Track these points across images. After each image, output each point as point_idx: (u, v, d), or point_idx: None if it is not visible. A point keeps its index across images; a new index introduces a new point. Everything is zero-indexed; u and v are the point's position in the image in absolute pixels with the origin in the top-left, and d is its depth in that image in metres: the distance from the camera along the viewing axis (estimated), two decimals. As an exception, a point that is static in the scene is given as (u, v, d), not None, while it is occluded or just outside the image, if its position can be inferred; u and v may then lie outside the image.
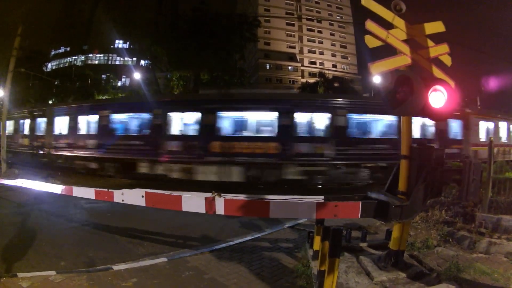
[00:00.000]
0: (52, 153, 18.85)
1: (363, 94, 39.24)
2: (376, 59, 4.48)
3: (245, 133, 15.14)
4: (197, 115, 15.34)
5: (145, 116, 16.26)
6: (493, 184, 6.91)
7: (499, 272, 4.86)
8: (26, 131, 21.61)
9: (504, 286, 4.48)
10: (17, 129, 22.50)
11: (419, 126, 15.71)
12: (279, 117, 14.41)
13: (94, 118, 17.54)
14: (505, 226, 6.27)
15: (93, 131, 17.49)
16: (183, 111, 15.98)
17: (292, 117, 14.50)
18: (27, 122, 21.72)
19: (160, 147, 15.20)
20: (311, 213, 4.18)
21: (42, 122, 20.38)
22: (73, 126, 18.31)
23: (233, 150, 14.51)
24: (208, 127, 14.88)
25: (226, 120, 15.38)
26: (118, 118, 17.13)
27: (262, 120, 15.26)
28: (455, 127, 17.03)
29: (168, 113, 15.62)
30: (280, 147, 14.29)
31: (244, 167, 14.38)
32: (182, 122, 15.85)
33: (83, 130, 18.18)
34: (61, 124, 19.07)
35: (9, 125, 21.69)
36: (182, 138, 15.39)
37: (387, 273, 4.69)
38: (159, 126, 15.45)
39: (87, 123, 18.11)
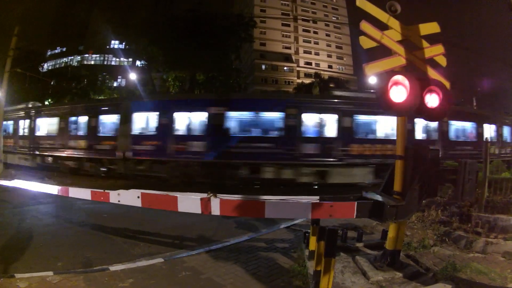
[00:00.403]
0: (130, 157, 16.16)
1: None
2: (372, 60, 4.52)
3: (377, 136, 15.49)
4: (334, 117, 15.24)
5: (273, 115, 15.47)
6: (489, 184, 6.93)
7: (496, 271, 4.88)
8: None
9: (501, 286, 4.49)
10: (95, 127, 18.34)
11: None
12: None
13: (201, 116, 15.84)
14: (502, 226, 6.30)
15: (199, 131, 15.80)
16: (319, 113, 15.51)
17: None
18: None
19: (293, 149, 14.84)
20: (307, 213, 4.20)
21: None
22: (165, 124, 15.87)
23: (367, 151, 14.82)
24: (345, 129, 14.93)
25: (361, 122, 15.57)
26: (235, 116, 15.60)
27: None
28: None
29: (303, 114, 15.19)
30: None
31: (375, 168, 14.70)
32: (318, 123, 15.56)
33: (181, 130, 16.00)
34: (142, 123, 16.84)
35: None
36: (319, 140, 15.15)
37: (383, 273, 4.71)
38: (293, 127, 14.99)
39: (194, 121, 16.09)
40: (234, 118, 15.46)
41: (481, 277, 4.74)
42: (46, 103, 34.25)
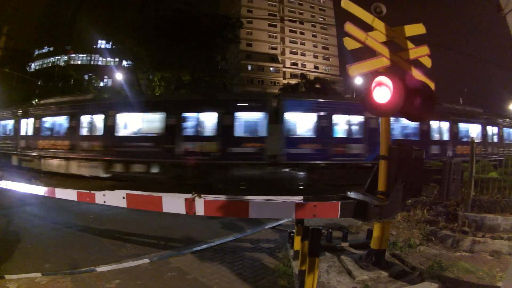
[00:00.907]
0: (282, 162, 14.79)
1: (345, 96, 39.55)
2: (358, 61, 4.54)
3: None
4: None
5: None
6: (476, 183, 7.00)
7: (484, 270, 4.93)
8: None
9: (489, 284, 4.52)
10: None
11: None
12: None
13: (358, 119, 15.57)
14: (489, 225, 6.36)
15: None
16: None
17: None
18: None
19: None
20: (290, 213, 4.21)
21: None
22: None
23: None
24: None
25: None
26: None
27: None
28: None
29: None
30: None
31: None
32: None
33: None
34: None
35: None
36: None
37: (368, 272, 4.74)
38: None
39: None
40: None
41: (468, 275, 4.78)
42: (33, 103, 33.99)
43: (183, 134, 15.26)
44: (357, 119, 15.47)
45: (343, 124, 15.57)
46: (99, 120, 16.78)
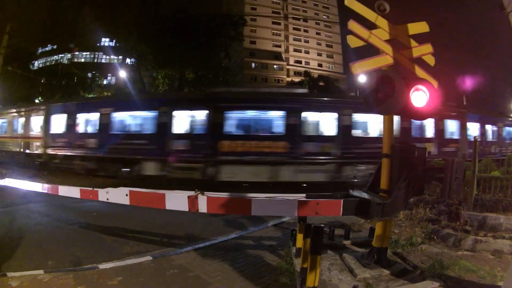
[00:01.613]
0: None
1: (350, 94, 39.28)
2: (362, 58, 4.54)
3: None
4: None
5: None
6: (478, 182, 6.99)
7: (485, 269, 4.93)
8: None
9: (491, 284, 4.52)
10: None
11: None
12: None
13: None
14: (491, 224, 6.35)
15: None
16: None
17: None
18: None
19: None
20: (293, 211, 4.21)
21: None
22: None
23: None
24: None
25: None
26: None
27: None
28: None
29: None
30: None
31: None
32: None
33: None
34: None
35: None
36: None
37: (370, 270, 4.74)
38: None
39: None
40: None
41: (469, 274, 4.78)
42: (36, 101, 33.99)
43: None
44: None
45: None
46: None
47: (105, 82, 50.55)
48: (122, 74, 36.25)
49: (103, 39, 54.10)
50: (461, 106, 20.83)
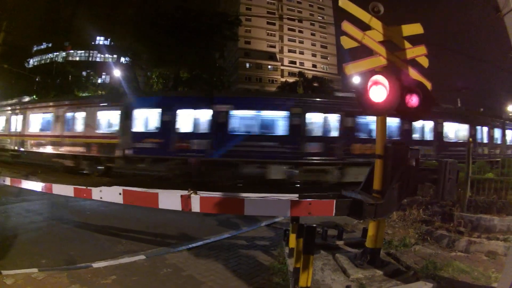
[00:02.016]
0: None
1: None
2: (356, 59, 4.55)
3: None
4: None
5: None
6: (472, 184, 7.02)
7: (479, 270, 4.94)
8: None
9: (484, 285, 4.53)
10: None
11: None
12: None
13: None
14: (485, 226, 6.38)
15: None
16: None
17: None
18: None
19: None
20: (286, 211, 4.23)
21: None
22: None
23: None
24: None
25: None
26: None
27: None
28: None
29: None
30: None
31: None
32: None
33: None
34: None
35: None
36: None
37: (363, 270, 4.75)
38: None
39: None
40: None
41: (463, 276, 4.79)
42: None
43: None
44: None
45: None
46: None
47: (99, 80, 50.45)
48: (117, 73, 36.07)
49: (98, 38, 54.04)
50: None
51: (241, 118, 14.59)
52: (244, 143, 13.92)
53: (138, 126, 15.14)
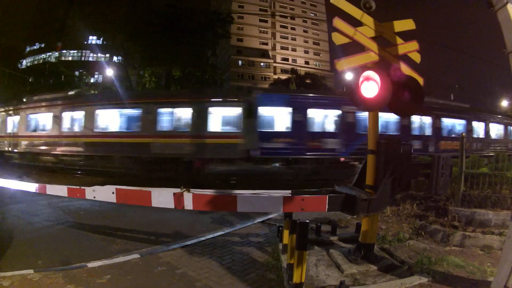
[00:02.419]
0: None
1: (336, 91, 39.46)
2: (349, 55, 4.57)
3: None
4: None
5: None
6: (466, 178, 7.04)
7: (474, 265, 4.93)
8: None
9: (480, 279, 4.53)
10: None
11: None
12: None
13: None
14: (479, 220, 6.39)
15: None
16: None
17: None
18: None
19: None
20: (278, 207, 4.24)
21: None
22: None
23: None
24: None
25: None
26: None
27: None
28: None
29: None
30: None
31: None
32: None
33: None
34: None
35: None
36: None
37: (357, 265, 4.76)
38: None
39: None
40: None
41: (458, 270, 4.79)
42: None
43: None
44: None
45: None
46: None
47: (92, 80, 50.28)
48: (109, 72, 35.86)
49: (90, 37, 53.79)
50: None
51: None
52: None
53: (265, 125, 14.63)
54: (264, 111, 14.67)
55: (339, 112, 14.81)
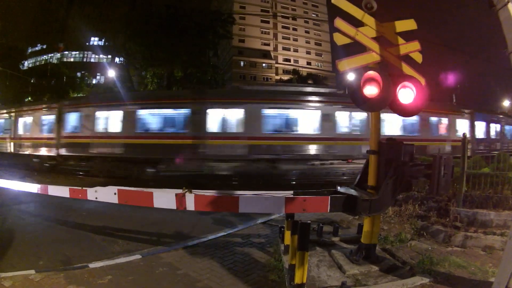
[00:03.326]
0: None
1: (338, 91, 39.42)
2: (350, 56, 4.56)
3: None
4: None
5: None
6: (468, 179, 7.02)
7: (476, 265, 4.92)
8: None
9: (482, 279, 4.52)
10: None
11: None
12: None
13: None
14: (481, 220, 6.37)
15: None
16: None
17: None
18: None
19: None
20: (280, 208, 4.24)
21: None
22: None
23: None
24: None
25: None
26: None
27: None
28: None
29: None
30: None
31: None
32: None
33: None
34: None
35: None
36: None
37: (359, 266, 4.76)
38: None
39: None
40: None
41: (460, 270, 4.78)
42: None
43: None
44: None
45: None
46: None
47: (94, 81, 50.40)
48: (111, 73, 35.90)
49: (92, 38, 53.98)
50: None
51: None
52: None
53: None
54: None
55: None
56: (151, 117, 15.55)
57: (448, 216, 6.68)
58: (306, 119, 14.89)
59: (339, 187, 4.66)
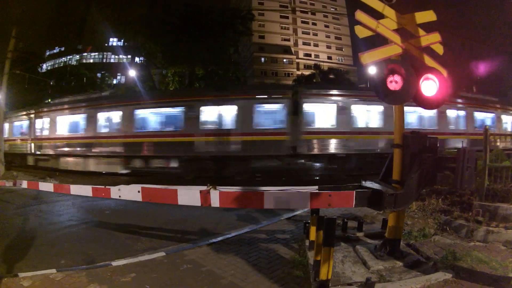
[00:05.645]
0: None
1: (359, 85, 38.95)
2: (371, 49, 4.51)
3: None
4: None
5: None
6: (490, 172, 6.91)
7: (497, 260, 4.85)
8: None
9: (502, 275, 4.46)
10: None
11: None
12: None
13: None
14: (502, 215, 6.27)
15: None
16: None
17: None
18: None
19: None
20: (305, 204, 4.21)
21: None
22: None
23: None
24: None
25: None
26: None
27: None
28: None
29: None
30: None
31: None
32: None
33: None
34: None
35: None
36: None
37: (383, 262, 4.71)
38: None
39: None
40: None
41: (481, 266, 4.72)
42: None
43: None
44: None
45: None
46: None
47: (114, 81, 50.83)
48: (132, 73, 36.06)
49: (111, 39, 54.42)
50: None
51: None
52: None
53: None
54: None
55: None
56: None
57: (471, 211, 6.58)
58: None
59: (363, 182, 4.61)
